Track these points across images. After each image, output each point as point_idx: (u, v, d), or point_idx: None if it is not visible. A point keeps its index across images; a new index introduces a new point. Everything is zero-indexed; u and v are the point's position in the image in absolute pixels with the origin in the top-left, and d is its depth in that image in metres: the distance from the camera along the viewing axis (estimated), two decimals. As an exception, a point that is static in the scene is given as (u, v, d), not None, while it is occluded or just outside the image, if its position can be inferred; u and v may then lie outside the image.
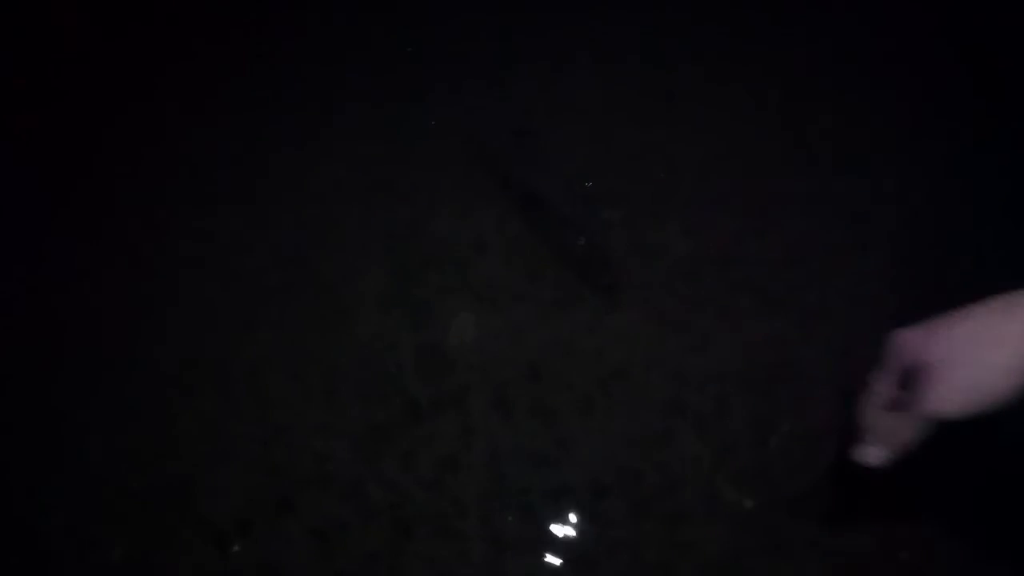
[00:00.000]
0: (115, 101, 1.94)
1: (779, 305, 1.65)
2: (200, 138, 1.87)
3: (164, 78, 1.96)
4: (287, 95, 1.91)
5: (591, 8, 1.97)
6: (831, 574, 1.44)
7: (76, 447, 1.56)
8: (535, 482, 1.51)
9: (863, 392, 0.80)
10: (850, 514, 1.48)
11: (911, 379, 0.73)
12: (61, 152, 1.88)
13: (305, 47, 1.96)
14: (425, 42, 1.94)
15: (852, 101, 1.89)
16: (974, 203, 1.75)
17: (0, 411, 1.61)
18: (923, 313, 0.74)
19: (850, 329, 1.62)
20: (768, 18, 1.99)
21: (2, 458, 1.56)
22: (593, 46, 1.94)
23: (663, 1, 1.99)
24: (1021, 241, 1.71)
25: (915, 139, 1.84)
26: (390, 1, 1.99)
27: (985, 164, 1.79)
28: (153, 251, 1.75)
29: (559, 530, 1.47)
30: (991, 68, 1.90)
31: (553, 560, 1.45)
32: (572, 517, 1.48)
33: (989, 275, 1.65)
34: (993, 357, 0.67)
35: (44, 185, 1.84)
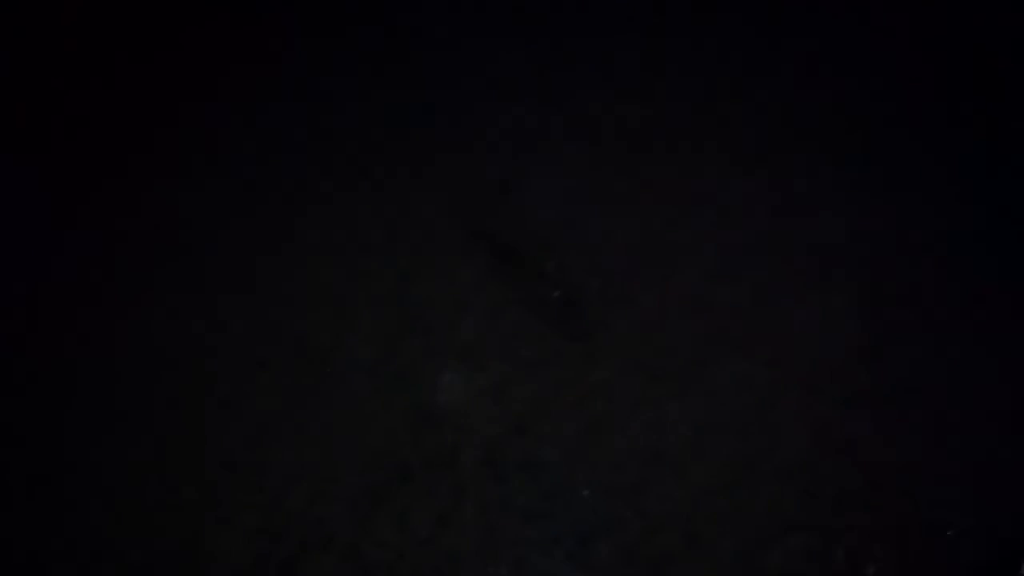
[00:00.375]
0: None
1: (749, 348, 1.70)
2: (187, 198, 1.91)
3: (170, 99, 2.00)
4: (272, 158, 1.92)
5: (567, 68, 1.97)
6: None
7: (78, 517, 1.62)
8: (525, 535, 1.58)
9: None
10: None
11: None
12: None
13: (292, 113, 1.95)
14: (406, 103, 1.92)
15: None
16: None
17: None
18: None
19: (821, 368, 1.67)
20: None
21: (2, 527, 1.63)
22: (567, 112, 1.96)
23: (638, 57, 1.95)
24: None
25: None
26: (377, 66, 1.96)
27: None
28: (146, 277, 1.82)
29: (550, 579, 1.56)
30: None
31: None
32: (562, 566, 1.55)
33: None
34: None
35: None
